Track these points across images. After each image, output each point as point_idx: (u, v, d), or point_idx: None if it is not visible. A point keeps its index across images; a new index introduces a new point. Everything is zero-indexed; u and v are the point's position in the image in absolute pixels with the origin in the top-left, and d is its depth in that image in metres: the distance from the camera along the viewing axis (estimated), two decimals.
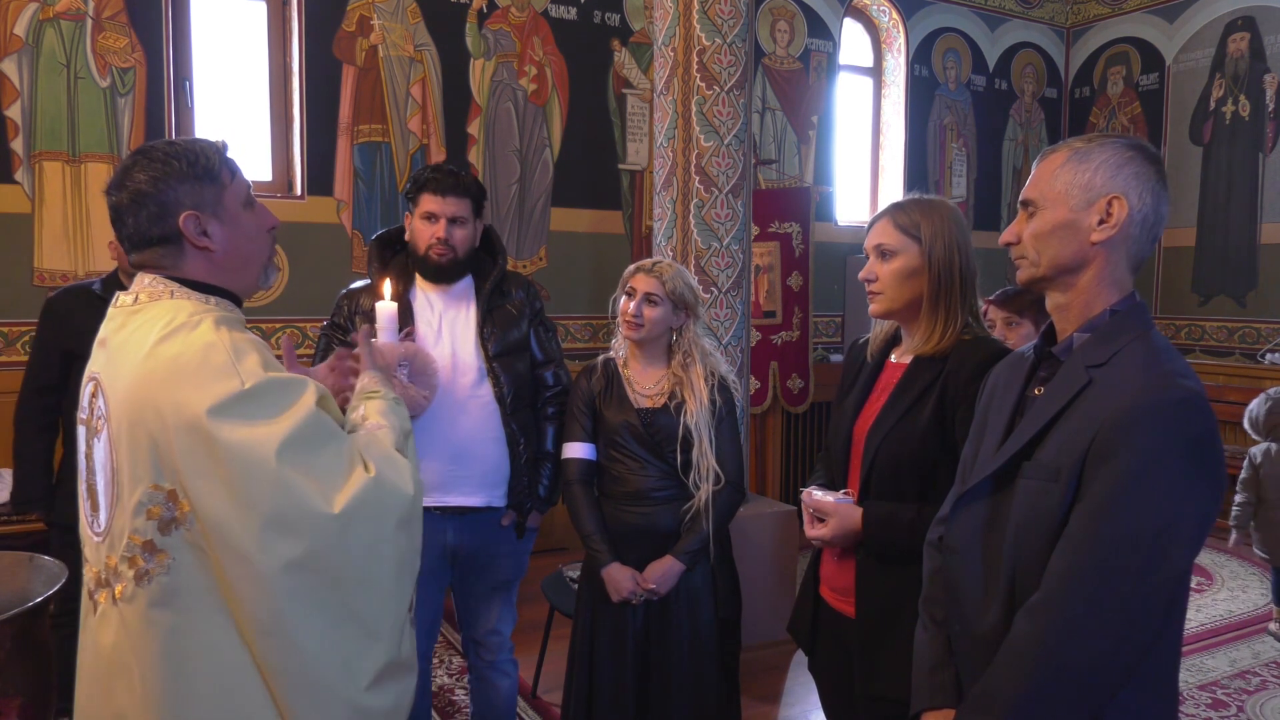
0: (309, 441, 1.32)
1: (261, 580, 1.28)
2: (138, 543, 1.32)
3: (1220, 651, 3.98)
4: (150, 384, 1.30)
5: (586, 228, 5.40)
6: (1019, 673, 1.25)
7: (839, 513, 1.79)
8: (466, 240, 2.37)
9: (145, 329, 1.35)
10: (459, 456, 2.34)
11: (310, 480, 1.30)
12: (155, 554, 1.31)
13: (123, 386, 1.33)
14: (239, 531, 1.27)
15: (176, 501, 1.30)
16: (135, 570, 1.32)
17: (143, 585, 1.32)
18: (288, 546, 1.28)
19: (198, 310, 1.37)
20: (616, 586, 2.29)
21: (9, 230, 4.05)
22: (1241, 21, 6.29)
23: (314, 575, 1.31)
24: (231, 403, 1.28)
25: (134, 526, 1.32)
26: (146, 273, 1.42)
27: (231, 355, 1.31)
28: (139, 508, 1.31)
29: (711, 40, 3.70)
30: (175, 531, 1.30)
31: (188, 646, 1.31)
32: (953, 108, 6.79)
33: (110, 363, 1.38)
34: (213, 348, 1.31)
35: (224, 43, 4.64)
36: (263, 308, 4.51)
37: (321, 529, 1.30)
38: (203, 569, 1.31)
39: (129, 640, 1.33)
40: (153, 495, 1.30)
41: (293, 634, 1.30)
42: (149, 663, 1.32)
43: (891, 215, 1.81)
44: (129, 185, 1.38)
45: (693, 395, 2.30)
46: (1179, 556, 1.21)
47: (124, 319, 1.39)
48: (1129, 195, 1.31)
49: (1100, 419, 1.23)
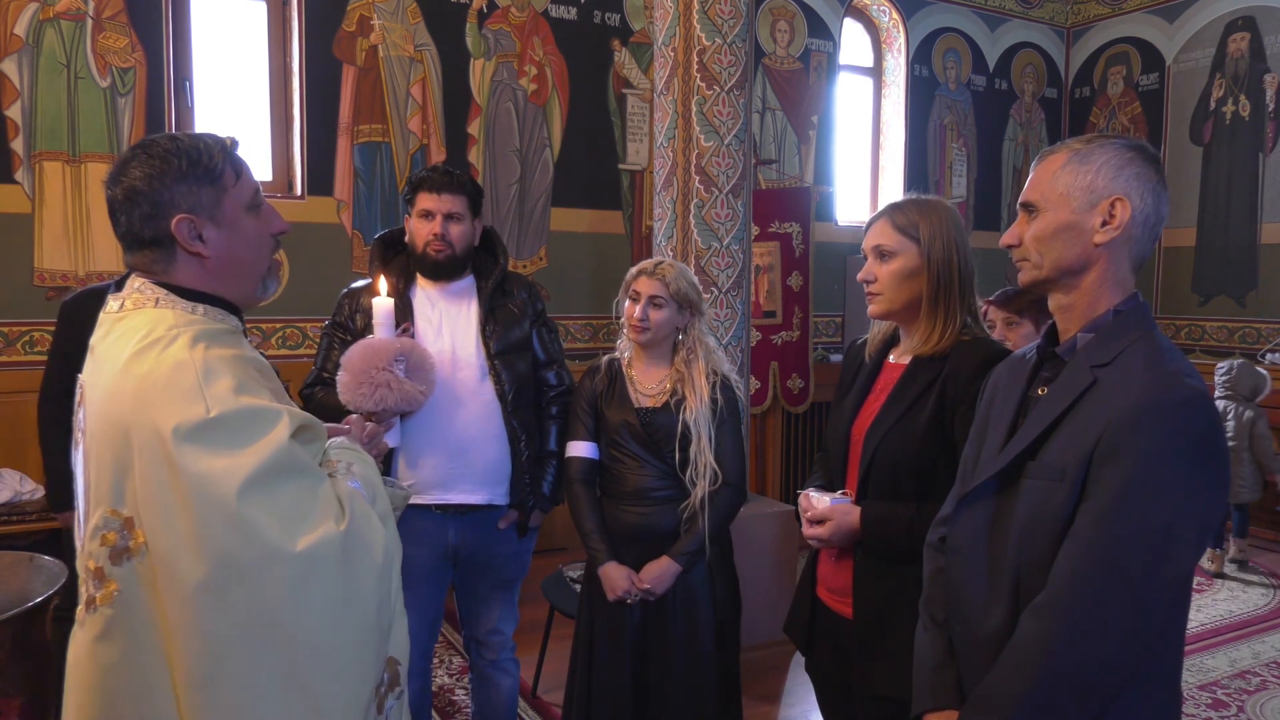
0: (275, 477, 1.21)
1: (203, 625, 1.17)
2: (91, 568, 1.23)
3: (1220, 651, 3.98)
4: (119, 402, 1.23)
5: (586, 228, 5.39)
6: (1024, 673, 1.25)
7: (837, 513, 1.79)
8: (463, 237, 2.38)
9: (123, 341, 1.27)
10: (459, 453, 2.34)
11: (272, 518, 1.19)
12: (104, 583, 1.22)
13: (98, 400, 1.27)
14: (187, 569, 1.17)
15: (132, 530, 1.21)
16: (87, 596, 1.23)
17: (90, 613, 1.23)
18: (240, 592, 1.17)
19: (178, 323, 1.28)
20: (612, 585, 2.30)
21: (9, 230, 4.05)
22: (1241, 21, 6.29)
23: (262, 630, 1.19)
24: (195, 430, 1.18)
25: (89, 550, 1.23)
26: (137, 276, 1.35)
27: (200, 378, 1.21)
28: (95, 531, 1.23)
29: (711, 40, 3.70)
30: (127, 562, 1.21)
31: (119, 686, 1.22)
32: (953, 108, 6.79)
33: (93, 372, 1.31)
34: (182, 368, 1.22)
35: (224, 43, 4.64)
36: (263, 308, 4.51)
37: (277, 572, 1.18)
38: (147, 606, 1.21)
39: (73, 666, 1.26)
40: (109, 520, 1.22)
41: (228, 693, 1.17)
42: (83, 694, 1.24)
43: (889, 216, 1.81)
44: (124, 180, 1.30)
45: (693, 392, 2.30)
46: (1183, 556, 1.21)
47: (110, 326, 1.32)
48: (1131, 196, 1.31)
49: (1105, 419, 1.23)
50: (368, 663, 1.28)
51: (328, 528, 1.23)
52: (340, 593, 1.23)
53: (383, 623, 1.30)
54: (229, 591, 1.17)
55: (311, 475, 1.27)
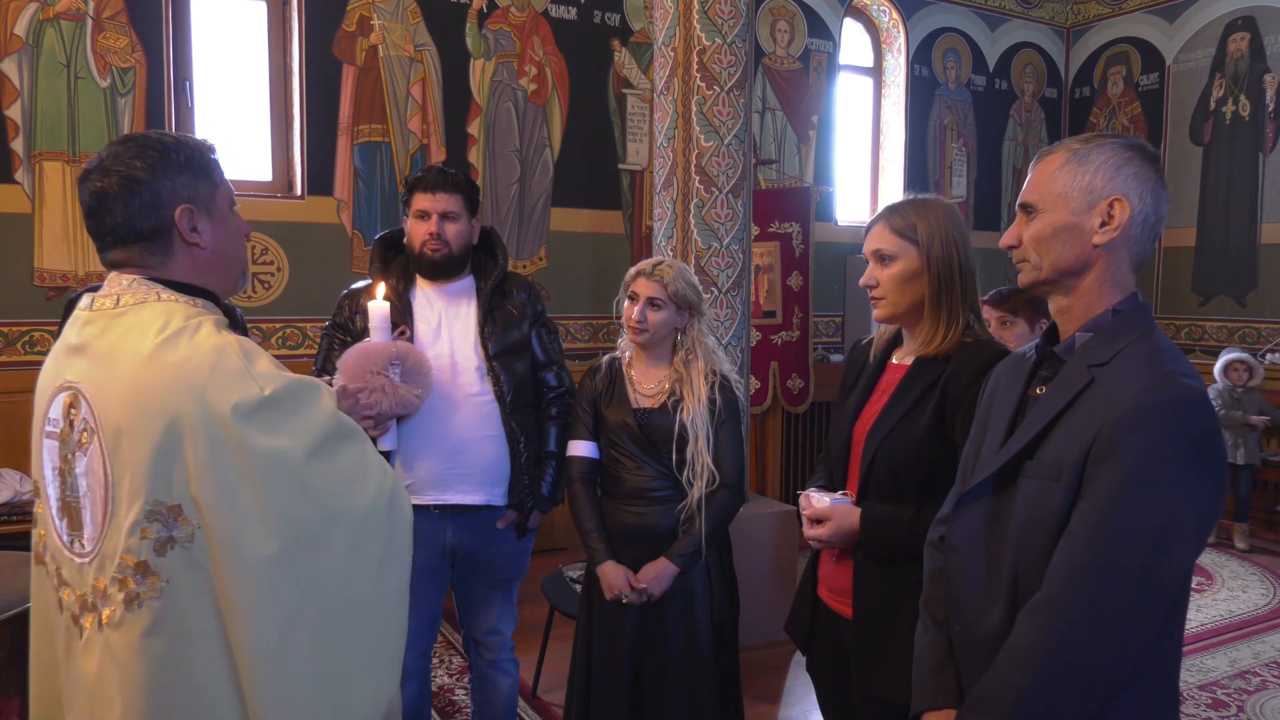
0: (334, 443, 1.28)
1: (274, 595, 1.22)
2: (130, 563, 1.23)
3: (1220, 651, 3.98)
4: (155, 392, 1.23)
5: (586, 228, 5.39)
6: (1021, 673, 1.24)
7: (837, 513, 1.79)
8: (460, 235, 2.38)
9: (136, 334, 1.27)
10: (457, 454, 2.34)
11: (335, 483, 1.27)
12: (148, 576, 1.23)
13: (118, 395, 1.25)
14: (255, 544, 1.21)
15: (179, 518, 1.22)
16: (125, 593, 1.23)
17: (132, 610, 1.23)
18: (308, 560, 1.24)
19: (192, 314, 1.30)
20: (609, 584, 2.30)
21: (9, 230, 4.05)
22: (1241, 21, 6.29)
23: (325, 592, 1.25)
24: (255, 409, 1.23)
25: (127, 546, 1.23)
26: (124, 273, 1.34)
27: (244, 359, 1.25)
28: (134, 526, 1.23)
29: (711, 40, 3.70)
30: (172, 551, 1.22)
31: (174, 677, 1.23)
32: (953, 108, 6.79)
33: (96, 370, 1.29)
34: (222, 351, 1.25)
35: (224, 43, 4.64)
36: (263, 308, 4.52)
37: (340, 534, 1.26)
38: (198, 593, 1.23)
39: (114, 670, 1.25)
40: (151, 512, 1.23)
41: (296, 657, 1.23)
42: (133, 693, 1.23)
43: (887, 219, 1.80)
44: (121, 171, 1.29)
45: (691, 392, 2.30)
46: (1181, 556, 1.21)
47: (105, 323, 1.30)
48: (1130, 196, 1.30)
49: (1102, 418, 1.23)
50: (405, 616, 1.35)
51: (379, 485, 1.31)
52: (386, 549, 1.31)
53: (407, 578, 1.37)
54: (298, 560, 1.23)
55: (358, 436, 1.34)
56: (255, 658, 1.22)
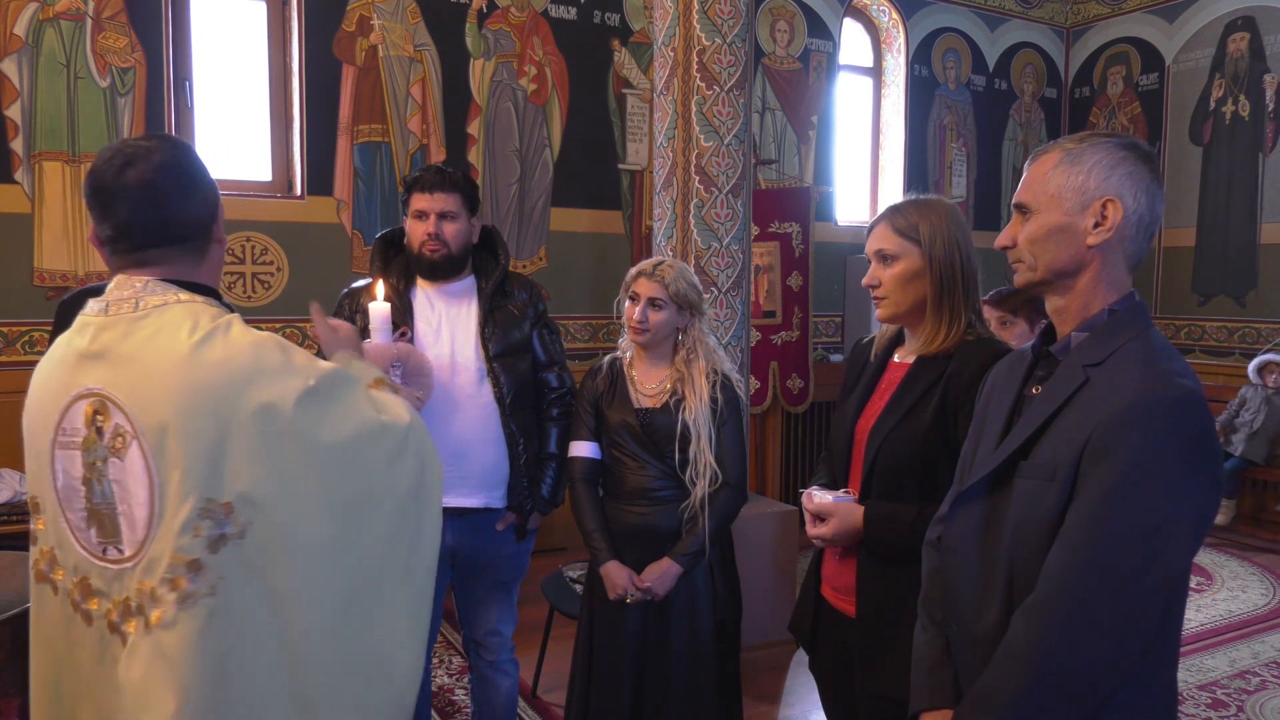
0: (374, 426, 1.34)
1: (332, 573, 1.28)
2: (182, 562, 1.23)
3: (1220, 651, 3.98)
4: (199, 392, 1.23)
5: (586, 228, 5.40)
6: (1016, 673, 1.24)
7: (840, 512, 1.79)
8: (459, 235, 2.37)
9: (167, 336, 1.26)
10: (457, 457, 2.33)
11: (379, 462, 1.33)
12: (201, 573, 1.23)
13: (162, 398, 1.24)
14: (314, 529, 1.26)
15: (230, 515, 1.23)
16: (178, 593, 1.23)
17: (186, 608, 1.23)
18: (360, 537, 1.30)
19: (217, 313, 1.31)
20: (613, 584, 2.30)
21: (9, 230, 4.05)
22: (1241, 21, 6.29)
23: (374, 562, 1.33)
24: (304, 399, 1.26)
25: (179, 545, 1.23)
26: (137, 275, 1.33)
27: (283, 353, 1.29)
28: (186, 525, 1.23)
29: (711, 40, 3.70)
30: (225, 549, 1.23)
31: (230, 671, 1.24)
32: (953, 108, 6.79)
33: (126, 375, 1.27)
34: (262, 347, 1.28)
35: (224, 43, 4.64)
36: (263, 308, 4.52)
37: (386, 508, 1.33)
38: (250, 589, 1.25)
39: (167, 670, 1.23)
40: (203, 510, 1.23)
41: (347, 634, 1.30)
42: (190, 692, 1.23)
43: (889, 219, 1.81)
44: (181, 166, 1.33)
45: (693, 392, 2.30)
46: (1176, 556, 1.21)
47: (126, 327, 1.29)
48: (1123, 197, 1.30)
49: (1096, 418, 1.23)
50: (433, 586, 1.44)
51: (414, 462, 1.38)
52: (418, 524, 1.39)
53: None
54: (351, 541, 1.29)
55: (393, 408, 1.40)
56: (312, 640, 1.27)
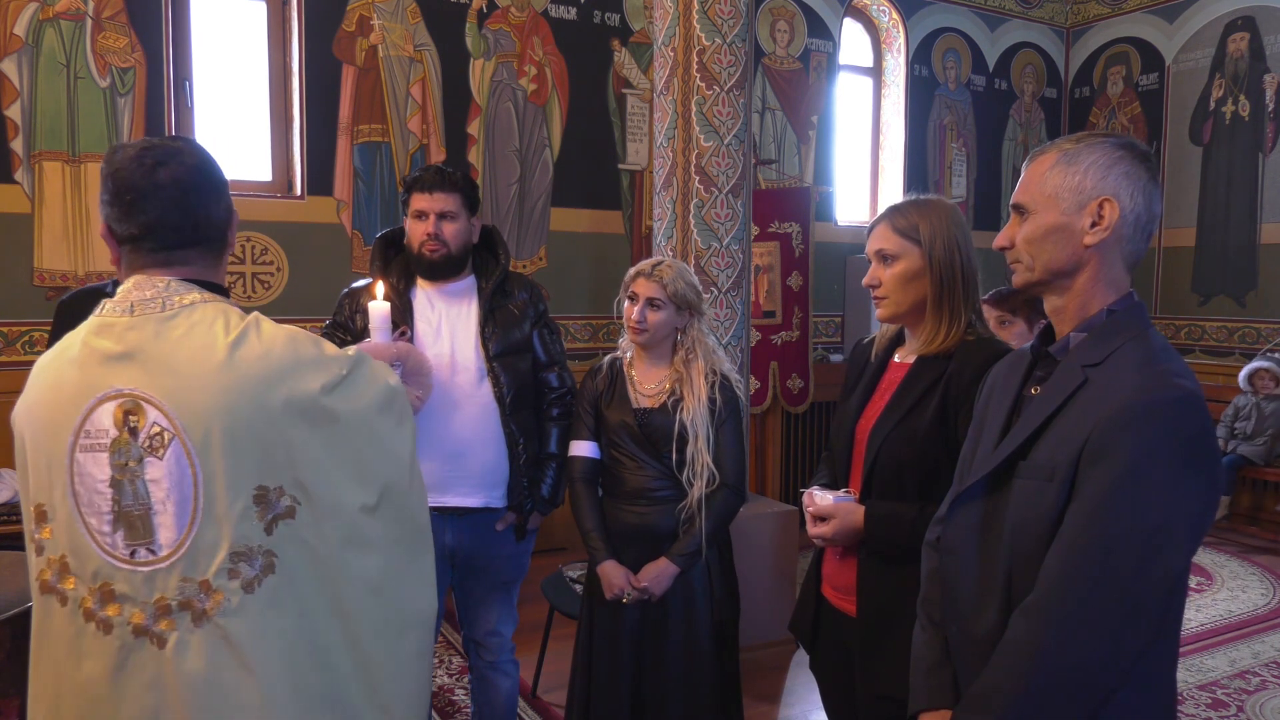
0: (390, 400, 1.42)
1: (373, 542, 1.35)
2: (242, 550, 1.27)
3: (1220, 651, 3.98)
4: (243, 388, 1.27)
5: (586, 228, 5.40)
6: (1015, 674, 1.24)
7: (841, 511, 1.79)
8: (458, 235, 2.37)
9: (200, 335, 1.29)
10: (457, 456, 2.33)
11: (401, 437, 1.42)
12: (263, 555, 1.29)
13: (203, 396, 1.26)
14: (352, 502, 1.33)
15: (281, 497, 1.30)
16: (240, 580, 1.27)
17: (252, 592, 1.27)
18: (390, 506, 1.38)
19: (241, 312, 1.36)
20: (610, 583, 2.30)
21: (9, 230, 4.05)
22: (1241, 21, 6.29)
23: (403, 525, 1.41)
24: (338, 386, 1.34)
25: (238, 534, 1.27)
26: (158, 275, 1.34)
27: (316, 345, 1.36)
28: (244, 513, 1.27)
29: (711, 40, 3.70)
30: (278, 529, 1.29)
31: (304, 646, 1.31)
32: (953, 108, 6.79)
33: (161, 374, 1.28)
34: (297, 340, 1.34)
35: (224, 43, 4.64)
36: (263, 307, 4.51)
37: (411, 479, 1.43)
38: (306, 564, 1.31)
39: (234, 657, 1.27)
40: (258, 496, 1.28)
41: (389, 591, 1.38)
42: (272, 671, 1.28)
43: (889, 219, 1.81)
44: (210, 170, 1.38)
45: (691, 392, 2.31)
46: (1174, 556, 1.21)
47: (156, 327, 1.30)
48: (1120, 196, 1.30)
49: (1095, 418, 1.23)
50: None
51: (412, 427, 1.47)
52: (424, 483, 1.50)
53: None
54: (387, 506, 1.38)
55: (388, 373, 1.47)
56: (361, 605, 1.35)
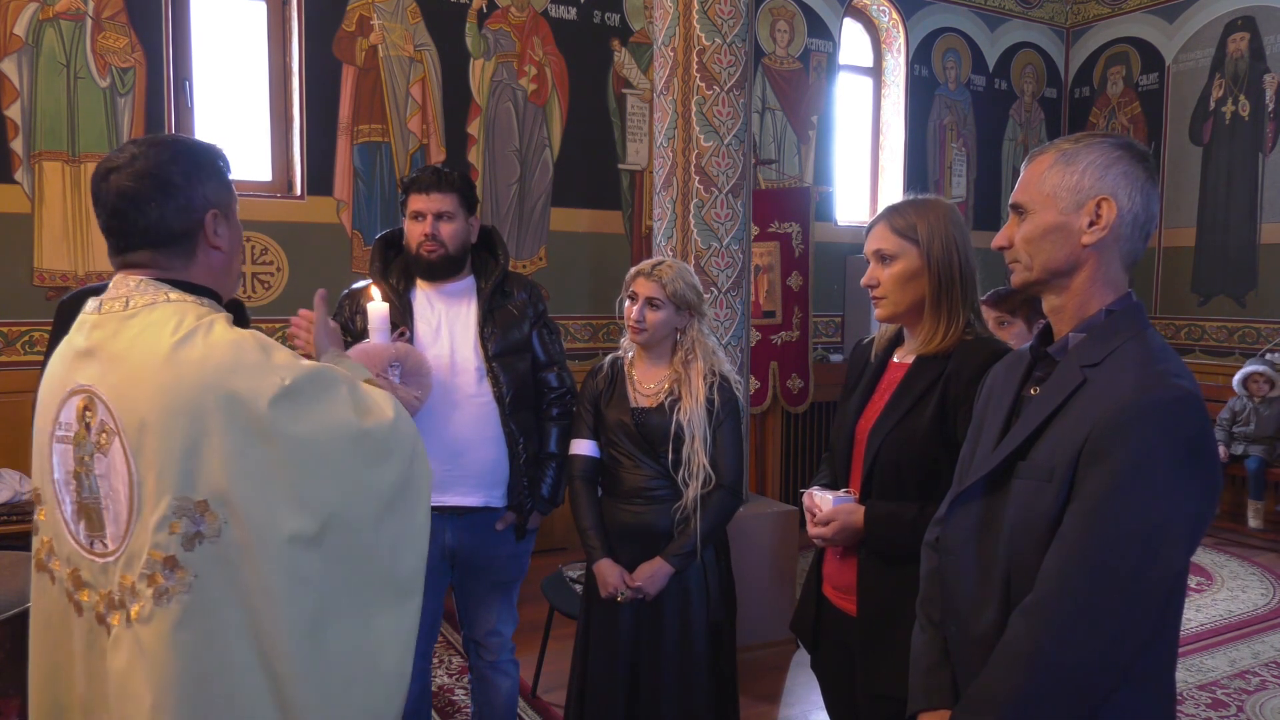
0: (354, 426, 1.33)
1: (307, 577, 1.26)
2: (159, 559, 1.25)
3: (1220, 651, 3.98)
4: (177, 390, 1.25)
5: (586, 228, 5.40)
6: (1014, 674, 1.25)
7: (840, 512, 1.79)
8: (456, 235, 2.37)
9: (151, 334, 1.28)
10: (457, 456, 2.34)
11: (358, 463, 1.32)
12: (177, 570, 1.25)
13: (142, 395, 1.26)
14: (287, 530, 1.25)
15: (205, 513, 1.25)
16: (154, 589, 1.25)
17: (162, 605, 1.25)
18: (338, 539, 1.29)
19: (203, 312, 1.32)
20: (604, 582, 2.31)
21: (9, 230, 4.05)
22: (1241, 21, 6.29)
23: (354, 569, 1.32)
24: (278, 399, 1.26)
25: (155, 542, 1.25)
26: (132, 274, 1.36)
27: (262, 352, 1.29)
28: (162, 522, 1.25)
29: (711, 40, 3.70)
30: (200, 546, 1.25)
31: (205, 668, 1.26)
32: (952, 108, 6.79)
33: (112, 372, 1.30)
34: (241, 346, 1.28)
35: (224, 43, 4.64)
36: (263, 308, 4.52)
37: (367, 509, 1.33)
38: (226, 587, 1.26)
39: (144, 664, 1.26)
40: (179, 507, 1.25)
41: (328, 636, 1.29)
42: (165, 686, 1.25)
43: (888, 219, 1.81)
44: (156, 174, 1.33)
45: (689, 393, 2.31)
46: (1173, 557, 1.21)
47: (116, 326, 1.32)
48: (1118, 196, 1.30)
49: (1093, 419, 1.23)
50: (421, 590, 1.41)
51: (399, 463, 1.37)
52: (403, 527, 1.38)
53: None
54: (329, 542, 1.29)
55: (379, 406, 1.39)
56: (290, 641, 1.26)
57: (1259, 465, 5.63)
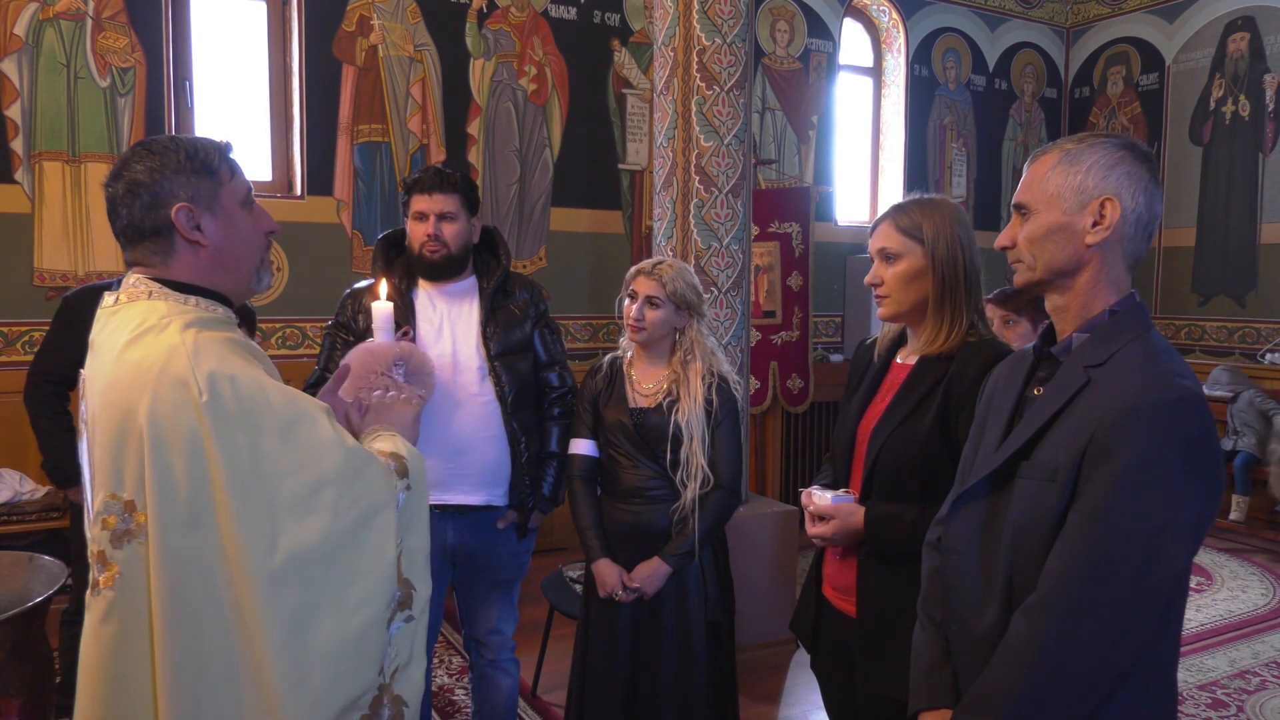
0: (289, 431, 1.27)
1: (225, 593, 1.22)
2: (95, 552, 1.27)
3: (1220, 651, 3.98)
4: (117, 390, 1.27)
5: (586, 228, 5.40)
6: (1015, 673, 1.25)
7: (840, 512, 1.79)
8: (458, 236, 2.38)
9: (118, 332, 1.32)
10: (458, 454, 2.34)
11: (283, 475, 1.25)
12: (106, 566, 1.26)
13: (98, 390, 1.32)
14: (193, 539, 1.22)
15: (132, 513, 1.25)
16: (94, 576, 1.28)
17: (95, 596, 1.27)
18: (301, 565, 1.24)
19: (170, 312, 1.32)
20: (602, 581, 2.32)
21: (9, 230, 4.05)
22: (1241, 21, 6.29)
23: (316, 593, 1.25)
24: (198, 411, 1.23)
25: (93, 535, 1.28)
26: (134, 272, 1.40)
27: (191, 361, 1.24)
28: (98, 516, 1.28)
29: (711, 40, 3.70)
30: (127, 545, 1.25)
31: (117, 665, 1.27)
32: (953, 108, 6.79)
33: (93, 365, 1.36)
34: (174, 352, 1.25)
35: (224, 43, 4.64)
36: (263, 308, 4.51)
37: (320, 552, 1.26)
38: (144, 590, 1.26)
39: (83, 653, 1.31)
40: (109, 504, 1.27)
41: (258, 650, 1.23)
42: (91, 679, 1.28)
43: (893, 218, 1.81)
44: (125, 176, 1.35)
45: (687, 394, 2.31)
46: (1176, 557, 1.21)
47: (105, 321, 1.37)
48: (1121, 196, 1.30)
49: (1097, 419, 1.23)
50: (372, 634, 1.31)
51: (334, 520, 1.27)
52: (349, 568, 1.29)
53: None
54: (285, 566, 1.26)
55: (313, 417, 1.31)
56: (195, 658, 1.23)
57: (1246, 460, 5.70)
